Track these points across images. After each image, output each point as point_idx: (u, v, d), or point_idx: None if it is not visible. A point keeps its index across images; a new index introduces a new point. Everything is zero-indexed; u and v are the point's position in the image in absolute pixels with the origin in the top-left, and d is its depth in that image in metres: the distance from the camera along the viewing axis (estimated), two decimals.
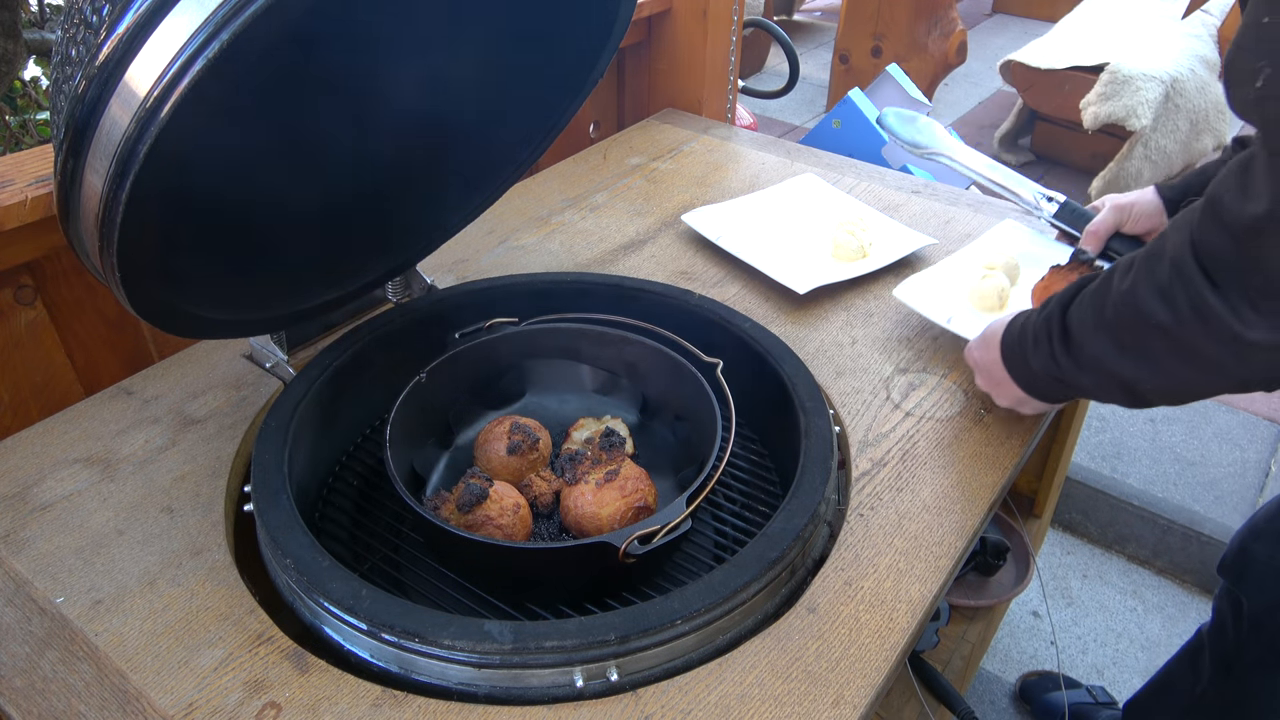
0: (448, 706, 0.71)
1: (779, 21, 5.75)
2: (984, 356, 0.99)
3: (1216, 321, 0.70)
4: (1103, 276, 0.82)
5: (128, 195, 0.66)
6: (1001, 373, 0.96)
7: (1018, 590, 1.65)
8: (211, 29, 0.61)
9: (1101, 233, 1.20)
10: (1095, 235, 1.20)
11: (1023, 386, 0.94)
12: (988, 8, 6.32)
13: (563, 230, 1.40)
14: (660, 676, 0.74)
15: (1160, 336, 0.75)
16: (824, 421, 0.93)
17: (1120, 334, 0.79)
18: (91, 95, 0.64)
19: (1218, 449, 2.45)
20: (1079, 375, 0.85)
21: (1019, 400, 0.97)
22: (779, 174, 1.58)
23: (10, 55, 1.71)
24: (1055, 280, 1.11)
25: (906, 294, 1.18)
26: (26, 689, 0.74)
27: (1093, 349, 0.82)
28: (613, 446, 0.96)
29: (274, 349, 1.05)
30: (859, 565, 0.84)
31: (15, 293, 1.05)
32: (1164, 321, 0.74)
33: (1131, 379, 0.80)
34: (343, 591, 0.74)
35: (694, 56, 1.76)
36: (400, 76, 0.99)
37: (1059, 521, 2.31)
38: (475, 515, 0.86)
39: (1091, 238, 1.20)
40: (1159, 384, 0.79)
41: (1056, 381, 0.89)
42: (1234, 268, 0.69)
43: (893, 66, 2.89)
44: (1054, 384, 0.90)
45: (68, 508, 0.90)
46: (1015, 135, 4.03)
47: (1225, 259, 0.69)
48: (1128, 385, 0.81)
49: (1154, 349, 0.77)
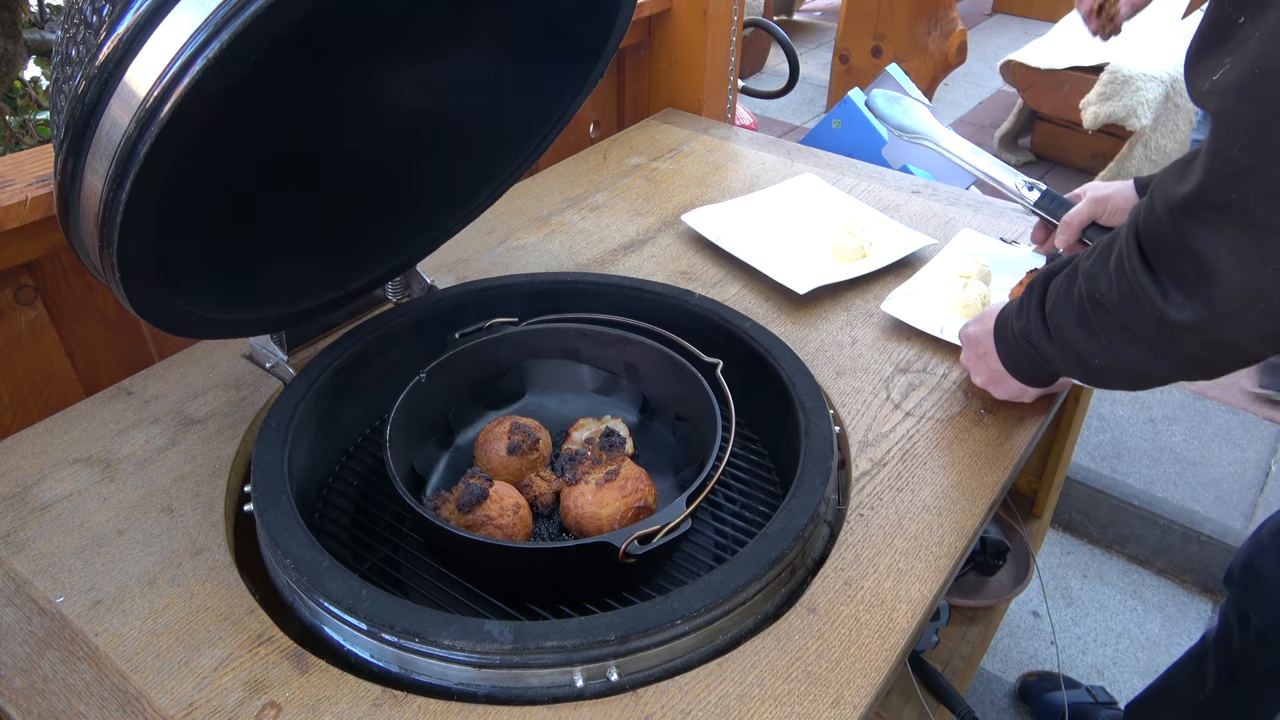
0: (448, 706, 0.71)
1: (779, 21, 5.75)
2: (978, 329, 1.03)
3: (1146, 301, 0.74)
4: (1082, 254, 0.86)
5: (128, 195, 0.66)
6: (989, 344, 1.00)
7: (1018, 590, 1.65)
8: (211, 29, 0.61)
9: (1075, 224, 1.21)
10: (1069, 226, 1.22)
11: (1002, 356, 0.99)
12: (988, 8, 6.31)
13: (563, 230, 1.40)
14: (660, 676, 0.74)
15: (1106, 314, 0.80)
16: (824, 421, 0.93)
17: (1079, 307, 0.83)
18: (91, 95, 0.64)
19: (1218, 449, 2.45)
20: (1046, 343, 0.90)
21: (995, 376, 1.01)
22: (779, 174, 1.58)
23: (10, 55, 1.71)
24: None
25: (895, 308, 1.20)
26: (26, 689, 0.74)
27: (1058, 318, 0.87)
28: (613, 446, 0.96)
29: (274, 349, 1.05)
30: (859, 565, 0.84)
31: (15, 293, 1.05)
32: (1106, 299, 0.79)
33: (1085, 352, 0.85)
34: (343, 591, 0.74)
35: (694, 56, 1.76)
36: (401, 76, 0.99)
37: (1059, 521, 2.31)
38: (475, 515, 0.86)
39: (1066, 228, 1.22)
40: (1106, 361, 0.83)
41: (1029, 347, 0.93)
42: (1167, 249, 0.72)
43: (893, 66, 2.89)
44: (1028, 350, 0.93)
45: (68, 508, 0.90)
46: (1015, 135, 4.04)
47: (1160, 240, 0.73)
48: (1082, 359, 0.86)
49: (1103, 325, 0.81)
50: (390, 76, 0.98)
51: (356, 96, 0.96)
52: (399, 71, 0.99)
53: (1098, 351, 0.83)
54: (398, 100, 1.01)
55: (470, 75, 1.04)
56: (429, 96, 1.03)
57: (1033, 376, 0.98)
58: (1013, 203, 1.42)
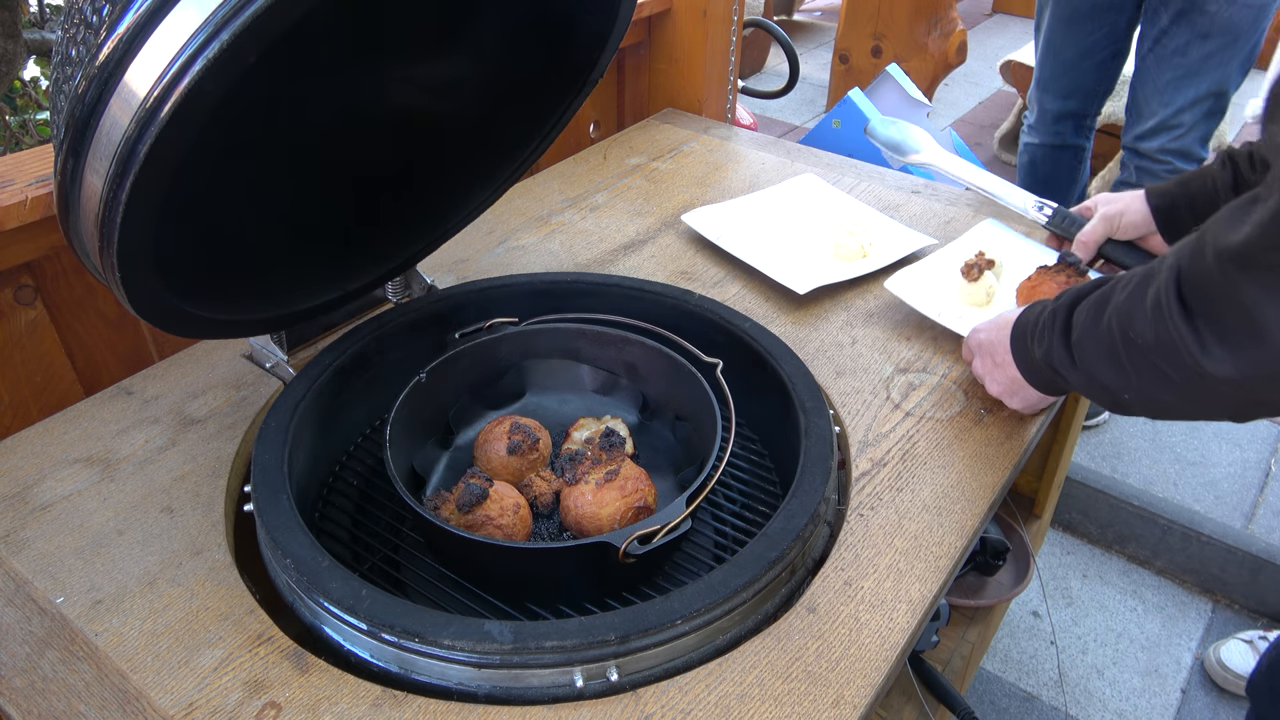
0: (448, 706, 0.71)
1: (779, 21, 5.75)
2: (991, 336, 1.01)
3: (1183, 350, 0.71)
4: (1110, 283, 0.83)
5: (128, 195, 0.66)
6: (1005, 354, 0.98)
7: (1018, 590, 1.65)
8: (211, 29, 0.61)
9: (1091, 242, 1.22)
10: (1085, 245, 1.23)
11: (1022, 370, 0.96)
12: (988, 8, 6.32)
13: (563, 230, 1.40)
14: (660, 676, 0.74)
15: (1139, 354, 0.77)
16: (824, 421, 0.93)
17: (1110, 343, 0.80)
18: (91, 95, 0.64)
19: (1218, 449, 2.45)
20: (1072, 372, 0.87)
21: (1012, 386, 0.99)
22: (779, 174, 1.58)
23: (10, 55, 1.71)
24: (1043, 280, 1.14)
25: (898, 286, 1.20)
26: (26, 689, 0.74)
27: (1086, 350, 0.84)
28: (613, 446, 0.96)
29: (274, 349, 1.05)
30: (859, 565, 0.84)
31: (15, 293, 1.05)
32: (1141, 338, 0.76)
33: (1115, 387, 0.82)
34: (343, 591, 0.74)
35: (694, 56, 1.76)
36: (400, 76, 0.99)
37: (1059, 521, 2.31)
38: (475, 515, 0.86)
39: (1082, 247, 1.23)
40: (1137, 397, 0.81)
41: (1052, 372, 0.91)
42: (1212, 298, 0.69)
43: (893, 66, 2.89)
44: (1050, 374, 0.92)
45: (68, 508, 0.90)
46: (1015, 135, 4.03)
47: (1206, 288, 0.70)
48: (1111, 392, 0.84)
49: (1135, 364, 0.78)
50: (390, 76, 0.98)
51: (356, 96, 0.96)
52: (399, 71, 0.99)
53: (1127, 388, 0.81)
54: (397, 100, 1.01)
55: (470, 75, 1.04)
56: (429, 96, 1.03)
57: (1052, 388, 0.96)
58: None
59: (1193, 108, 2.05)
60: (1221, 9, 1.91)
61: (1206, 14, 1.93)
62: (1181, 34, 1.99)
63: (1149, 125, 2.13)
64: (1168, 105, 2.07)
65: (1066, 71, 2.29)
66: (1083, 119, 2.38)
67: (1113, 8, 2.15)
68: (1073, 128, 2.38)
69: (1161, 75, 2.06)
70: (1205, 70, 2.00)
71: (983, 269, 1.20)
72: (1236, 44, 1.96)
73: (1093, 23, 2.18)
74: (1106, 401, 0.86)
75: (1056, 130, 2.38)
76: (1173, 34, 2.01)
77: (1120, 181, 2.29)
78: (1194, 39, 1.98)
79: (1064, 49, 2.26)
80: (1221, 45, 1.96)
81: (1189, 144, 2.09)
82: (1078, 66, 2.27)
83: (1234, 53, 1.97)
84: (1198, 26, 1.96)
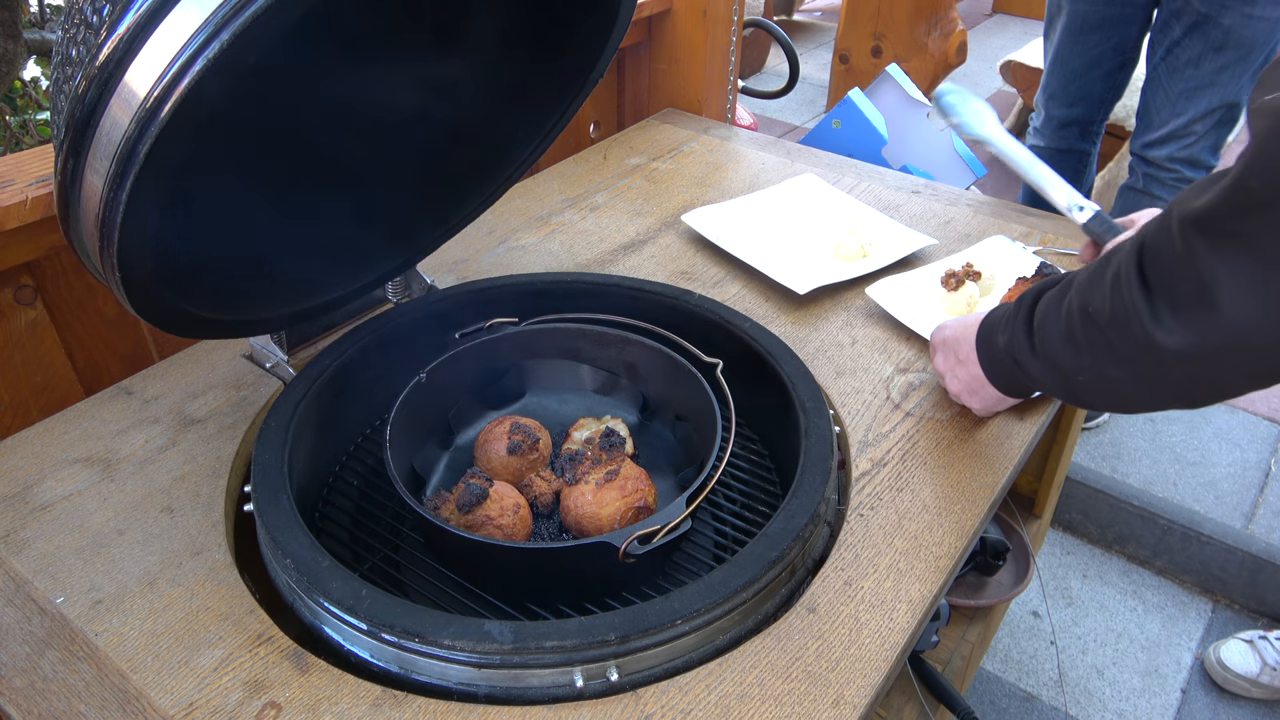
0: (448, 706, 0.71)
1: (779, 21, 5.75)
2: (957, 333, 1.00)
3: (1135, 321, 0.71)
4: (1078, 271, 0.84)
5: (128, 195, 0.66)
6: (969, 351, 0.97)
7: (1018, 590, 1.65)
8: (211, 29, 0.61)
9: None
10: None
11: (984, 365, 0.95)
12: (988, 8, 6.31)
13: (563, 230, 1.40)
14: (660, 676, 0.74)
15: (1095, 329, 0.76)
16: (824, 421, 0.93)
17: (1069, 322, 0.80)
18: (91, 95, 0.64)
19: (1218, 449, 2.45)
20: (1031, 360, 0.86)
21: (972, 385, 0.98)
22: (779, 174, 1.58)
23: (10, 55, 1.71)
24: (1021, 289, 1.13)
25: (879, 293, 1.20)
26: (26, 689, 0.74)
27: (1046, 333, 0.83)
28: (613, 446, 0.96)
29: (274, 349, 1.05)
30: (859, 565, 0.84)
31: (15, 293, 1.05)
32: (1098, 313, 0.75)
33: (1070, 368, 0.81)
34: (343, 591, 0.74)
35: (694, 56, 1.76)
36: (400, 76, 0.99)
37: (1059, 521, 2.31)
38: (475, 515, 0.86)
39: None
40: (1089, 380, 0.80)
41: (1013, 363, 0.90)
42: (1169, 265, 0.69)
43: (893, 66, 2.89)
44: (1010, 366, 0.91)
45: (68, 508, 0.90)
46: (1015, 135, 4.03)
47: (1164, 255, 0.69)
48: (1066, 376, 0.82)
49: (1090, 340, 0.77)
50: (390, 76, 0.98)
51: (357, 96, 0.96)
52: (399, 71, 0.98)
53: (1081, 369, 0.80)
54: (398, 100, 1.01)
55: (470, 75, 1.04)
56: (429, 96, 1.03)
57: (1013, 387, 0.95)
58: (1012, 203, 1.42)
59: (1204, 119, 2.02)
60: (1236, 22, 1.89)
61: (1220, 27, 1.91)
62: (1195, 45, 1.97)
63: (1159, 134, 2.11)
64: (1179, 115, 2.05)
65: (1074, 80, 2.28)
66: (1089, 125, 2.37)
67: (1123, 20, 2.13)
68: (1079, 133, 2.38)
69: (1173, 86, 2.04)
70: (1218, 82, 1.97)
71: (962, 279, 1.21)
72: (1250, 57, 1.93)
73: (1101, 34, 2.17)
74: (1061, 390, 0.85)
75: (1062, 135, 2.38)
76: (1185, 45, 1.99)
77: (1127, 186, 2.28)
78: (1207, 51, 1.96)
79: (1072, 59, 2.25)
80: (1235, 59, 1.94)
81: (1198, 152, 2.08)
82: (1085, 76, 2.26)
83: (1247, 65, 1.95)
84: (1211, 39, 1.94)
